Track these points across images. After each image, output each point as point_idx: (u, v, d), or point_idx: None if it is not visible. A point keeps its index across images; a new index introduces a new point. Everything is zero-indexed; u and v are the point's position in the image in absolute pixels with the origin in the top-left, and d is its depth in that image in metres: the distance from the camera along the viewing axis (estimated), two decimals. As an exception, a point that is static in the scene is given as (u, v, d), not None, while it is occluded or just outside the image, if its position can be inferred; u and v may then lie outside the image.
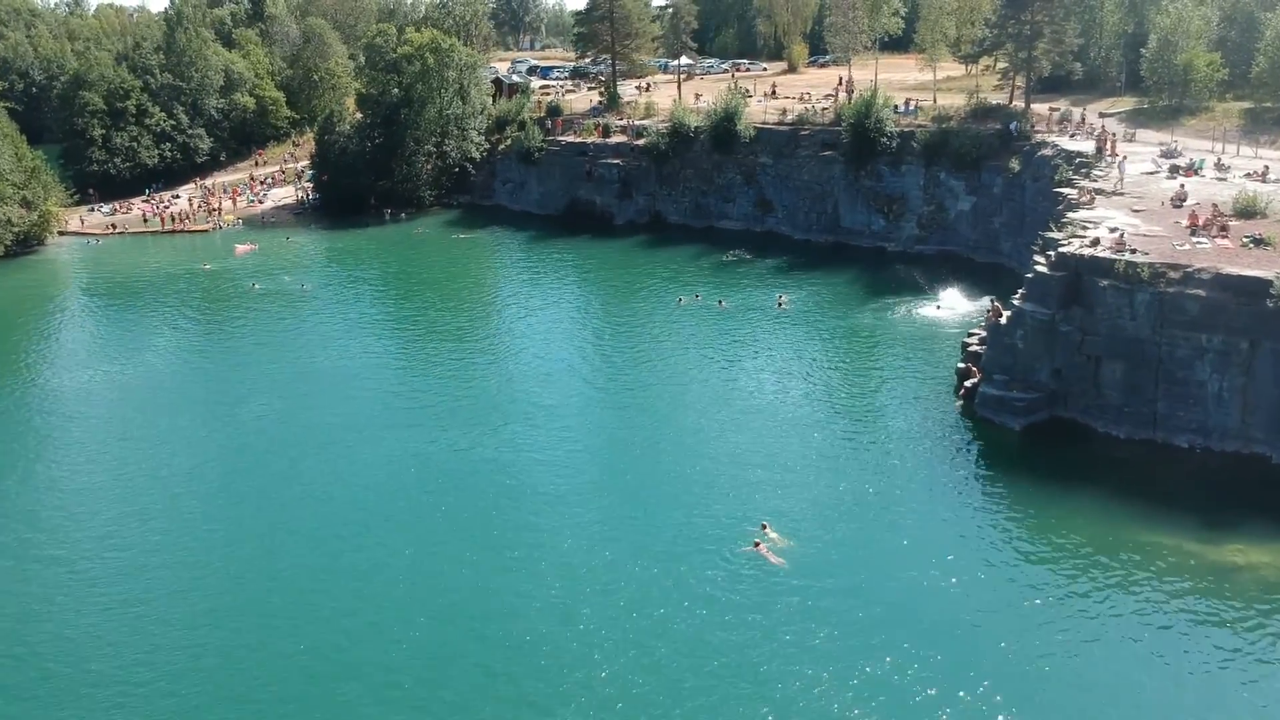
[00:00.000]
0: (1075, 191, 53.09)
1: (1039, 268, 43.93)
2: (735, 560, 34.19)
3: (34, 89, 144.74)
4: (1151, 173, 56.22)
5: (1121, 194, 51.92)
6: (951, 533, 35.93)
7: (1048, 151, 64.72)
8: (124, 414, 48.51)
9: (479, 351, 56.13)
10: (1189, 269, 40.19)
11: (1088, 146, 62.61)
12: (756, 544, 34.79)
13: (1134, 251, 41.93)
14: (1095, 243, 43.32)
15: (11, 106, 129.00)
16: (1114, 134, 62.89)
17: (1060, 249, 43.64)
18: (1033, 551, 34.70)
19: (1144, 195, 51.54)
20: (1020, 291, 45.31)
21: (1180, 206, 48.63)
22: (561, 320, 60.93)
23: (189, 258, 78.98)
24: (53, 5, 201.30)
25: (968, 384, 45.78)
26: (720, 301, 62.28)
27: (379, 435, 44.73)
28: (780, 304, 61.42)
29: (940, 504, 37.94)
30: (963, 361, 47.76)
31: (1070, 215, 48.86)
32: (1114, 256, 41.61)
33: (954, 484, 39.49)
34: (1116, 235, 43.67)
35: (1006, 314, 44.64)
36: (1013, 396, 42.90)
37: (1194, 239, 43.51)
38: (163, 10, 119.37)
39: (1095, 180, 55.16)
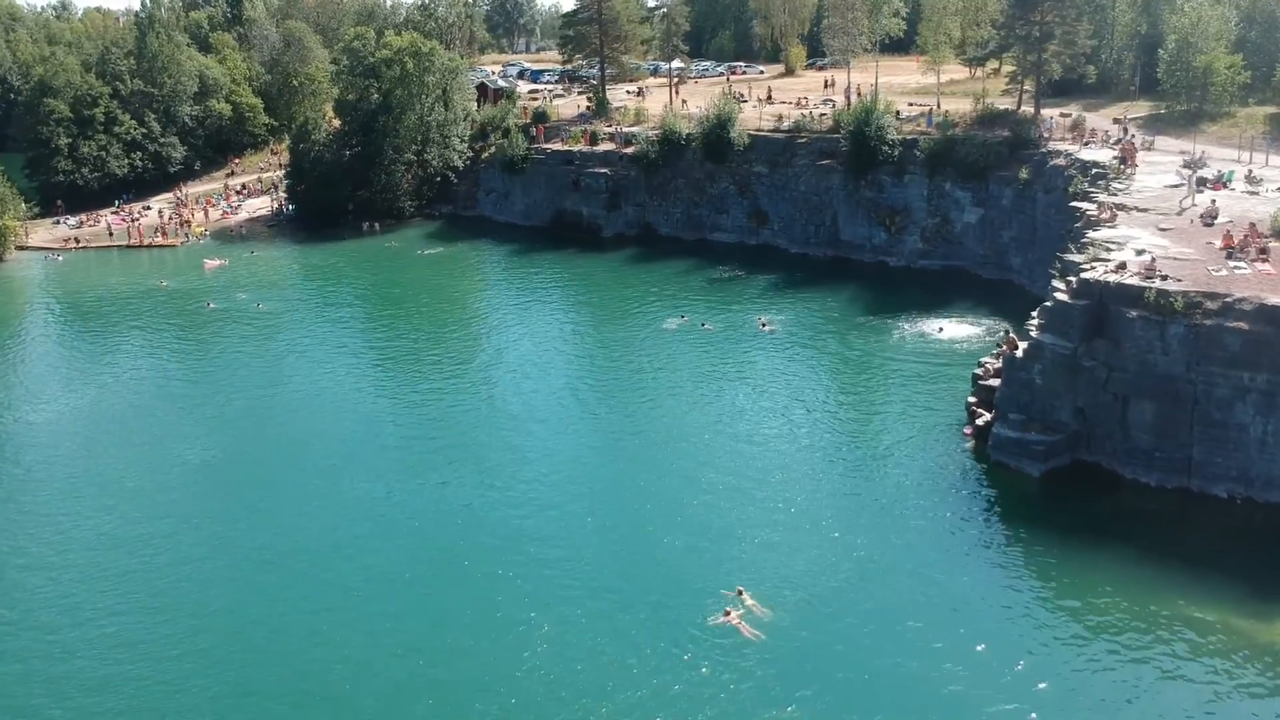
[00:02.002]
0: (1095, 207, 48.77)
1: (1059, 295, 39.64)
2: (705, 634, 30.00)
3: (12, 95, 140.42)
4: (1176, 185, 51.85)
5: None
6: (961, 600, 31.71)
7: (1060, 161, 60.51)
8: (47, 457, 43.96)
9: (444, 384, 51.42)
10: (1228, 299, 35.94)
11: (1103, 156, 58.39)
12: (727, 612, 30.61)
13: (1165, 278, 37.69)
14: (1121, 267, 39.06)
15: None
16: (1135, 142, 58.33)
17: (1082, 274, 39.35)
18: (1056, 627, 30.40)
19: (1170, 212, 47.24)
20: (1037, 320, 41.10)
21: (1211, 225, 44.38)
22: (539, 349, 56.21)
23: (151, 274, 74.58)
24: (39, 9, 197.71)
25: (979, 422, 41.54)
26: (704, 324, 58.01)
27: (331, 482, 40.38)
28: (762, 326, 57.20)
29: (949, 565, 33.63)
30: (973, 395, 43.55)
31: (1091, 235, 44.53)
32: (1143, 284, 37.35)
33: (965, 541, 35.23)
34: (1145, 259, 39.39)
35: (1023, 346, 40.34)
36: (1031, 439, 38.61)
37: (1230, 263, 39.25)
38: (135, 13, 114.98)
39: (1115, 194, 50.86)
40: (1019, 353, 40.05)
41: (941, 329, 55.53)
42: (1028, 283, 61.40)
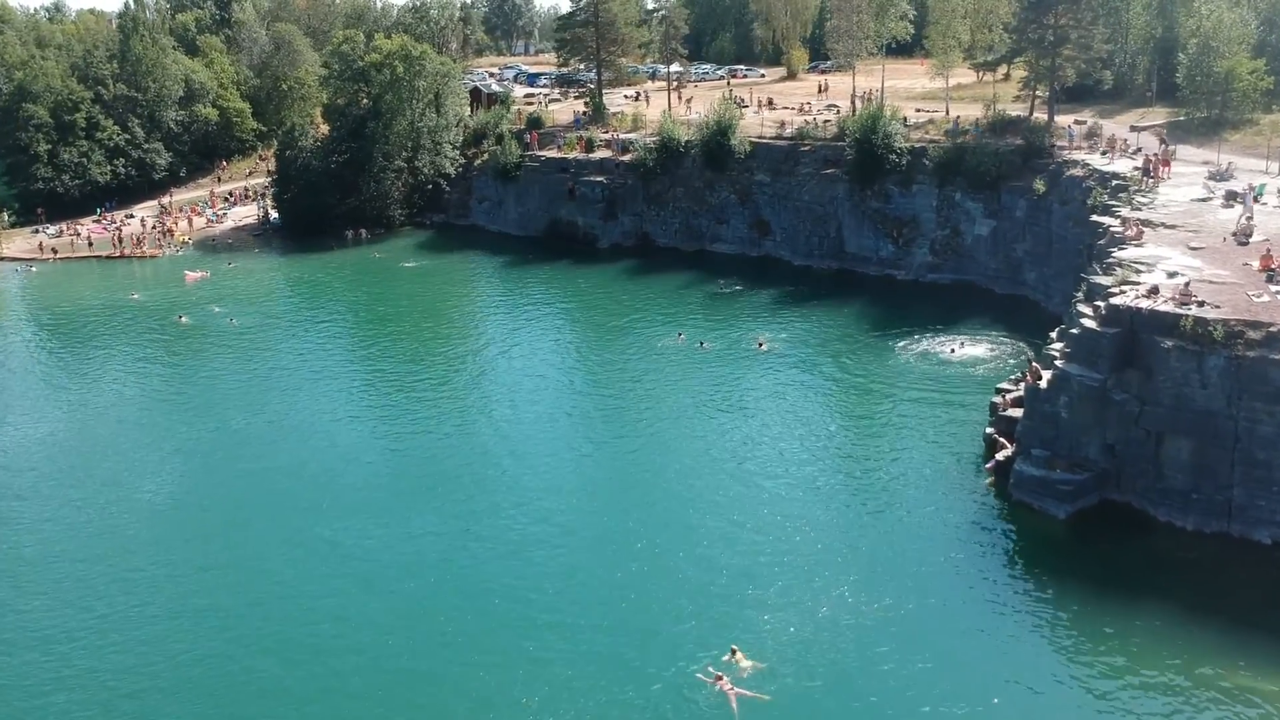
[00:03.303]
0: (1119, 222, 45.81)
1: (1086, 321, 36.70)
2: (695, 701, 27.13)
3: (2, 99, 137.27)
4: (1204, 199, 48.98)
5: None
6: (981, 660, 28.86)
7: (1077, 172, 57.59)
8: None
9: (424, 412, 47.95)
10: (1272, 328, 33.00)
11: (1122, 166, 55.46)
12: (719, 677, 27.70)
13: (1202, 304, 34.74)
14: (1153, 292, 36.09)
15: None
16: (1158, 153, 55.17)
17: (1111, 299, 36.38)
18: (1086, 692, 27.50)
19: (1200, 228, 44.27)
20: (1061, 347, 38.19)
21: (1246, 244, 41.39)
22: (528, 372, 52.86)
23: (125, 287, 71.48)
24: (31, 11, 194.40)
25: (999, 456, 38.57)
26: (702, 343, 55.03)
27: (297, 526, 37.23)
28: (759, 346, 54.31)
29: (966, 620, 30.73)
30: (991, 426, 40.59)
31: (1117, 254, 41.56)
32: (1179, 311, 34.41)
33: (985, 593, 32.19)
34: (1180, 283, 36.43)
35: (1047, 376, 37.37)
36: (1056, 477, 35.63)
37: (1272, 287, 36.30)
38: (118, 14, 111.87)
39: (1139, 208, 47.90)
40: (1043, 383, 37.09)
41: (953, 349, 52.54)
42: (1043, 299, 58.60)
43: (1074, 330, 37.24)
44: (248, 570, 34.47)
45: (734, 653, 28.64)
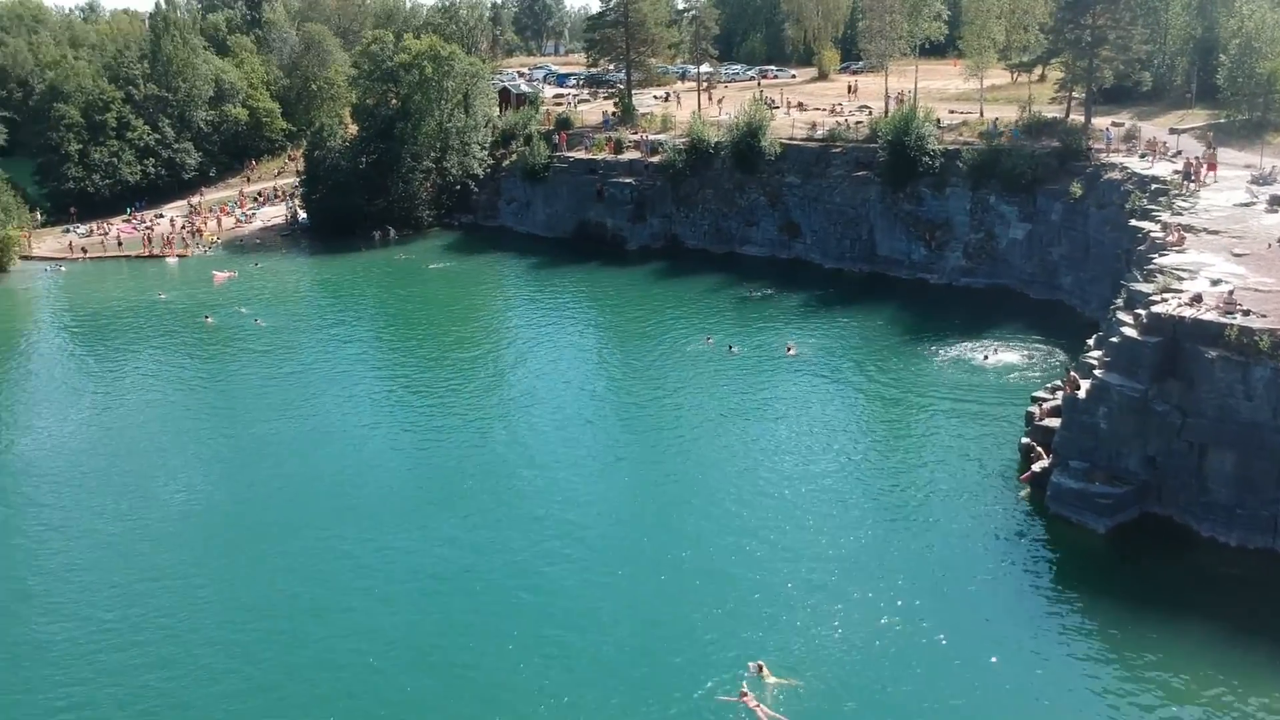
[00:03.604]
0: (1159, 227, 44.67)
1: (1126, 330, 35.66)
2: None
3: (34, 99, 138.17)
4: (1247, 204, 47.73)
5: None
6: (1018, 682, 27.88)
7: (1115, 175, 56.40)
8: (8, 502, 40.30)
9: (448, 417, 47.43)
10: (1321, 338, 31.92)
11: (1162, 170, 54.24)
12: (743, 694, 26.97)
13: (1247, 313, 33.66)
14: (1197, 300, 35.03)
15: (9, 116, 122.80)
16: (1198, 157, 53.83)
17: (1153, 307, 35.34)
18: (1128, 712, 26.57)
19: (1244, 234, 43.07)
20: (1100, 356, 37.17)
21: (1292, 250, 40.25)
22: (553, 377, 52.24)
23: (153, 287, 71.38)
24: (66, 11, 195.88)
25: (1035, 467, 37.59)
26: (731, 347, 54.29)
27: (319, 534, 36.75)
28: (790, 351, 53.46)
29: (1002, 639, 29.74)
30: (1027, 436, 39.59)
31: (1158, 260, 40.47)
32: (1223, 320, 33.34)
33: (1022, 611, 31.24)
34: (1223, 291, 35.34)
35: (1085, 385, 36.34)
36: (1095, 490, 34.63)
37: (1320, 296, 35.20)
38: (150, 15, 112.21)
39: (1180, 213, 46.71)
40: (1081, 393, 36.05)
41: (987, 356, 51.52)
42: (1079, 304, 57.48)
43: (1114, 339, 36.23)
44: (265, 584, 33.88)
45: (760, 668, 27.92)
